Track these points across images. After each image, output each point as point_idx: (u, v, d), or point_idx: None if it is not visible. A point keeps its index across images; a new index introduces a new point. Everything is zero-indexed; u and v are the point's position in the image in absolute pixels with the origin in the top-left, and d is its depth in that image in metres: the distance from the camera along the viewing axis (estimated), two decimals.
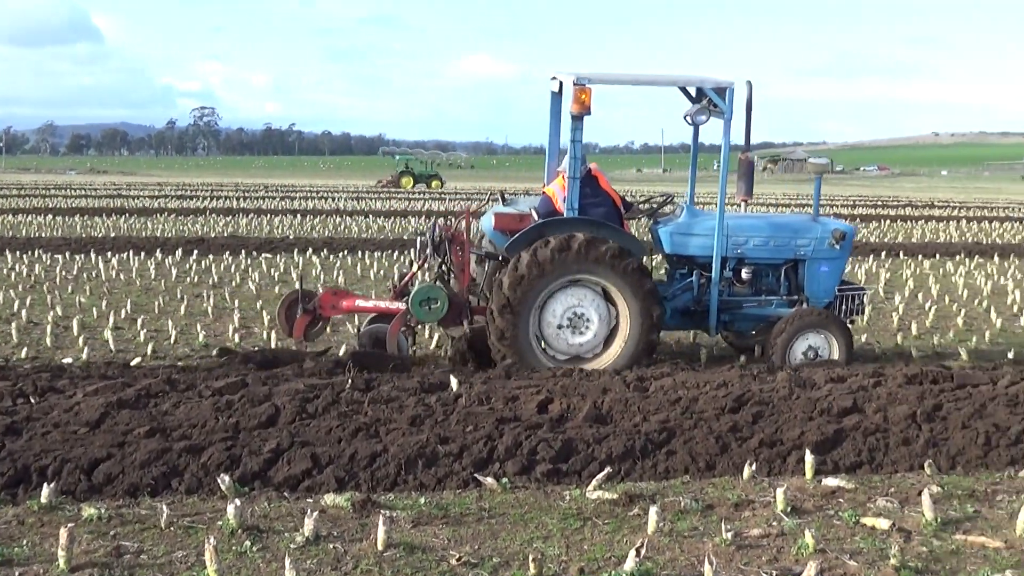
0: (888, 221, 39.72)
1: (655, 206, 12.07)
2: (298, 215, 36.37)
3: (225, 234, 27.86)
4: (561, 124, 11.68)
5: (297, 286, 11.28)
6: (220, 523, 5.95)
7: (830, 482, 6.91)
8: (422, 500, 6.50)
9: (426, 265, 11.57)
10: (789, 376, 9.11)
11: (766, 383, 9.01)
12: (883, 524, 6.07)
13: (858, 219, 40.69)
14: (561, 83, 11.36)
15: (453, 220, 11.54)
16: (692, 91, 11.31)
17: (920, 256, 24.71)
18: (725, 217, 11.17)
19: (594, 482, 6.74)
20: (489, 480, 6.80)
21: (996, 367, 10.34)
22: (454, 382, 8.88)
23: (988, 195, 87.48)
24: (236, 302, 15.14)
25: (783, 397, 8.46)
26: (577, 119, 10.39)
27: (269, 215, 36.23)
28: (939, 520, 6.18)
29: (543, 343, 10.54)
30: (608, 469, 6.95)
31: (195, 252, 22.04)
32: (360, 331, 11.54)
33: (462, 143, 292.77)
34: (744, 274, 11.35)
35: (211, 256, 21.83)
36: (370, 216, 37.02)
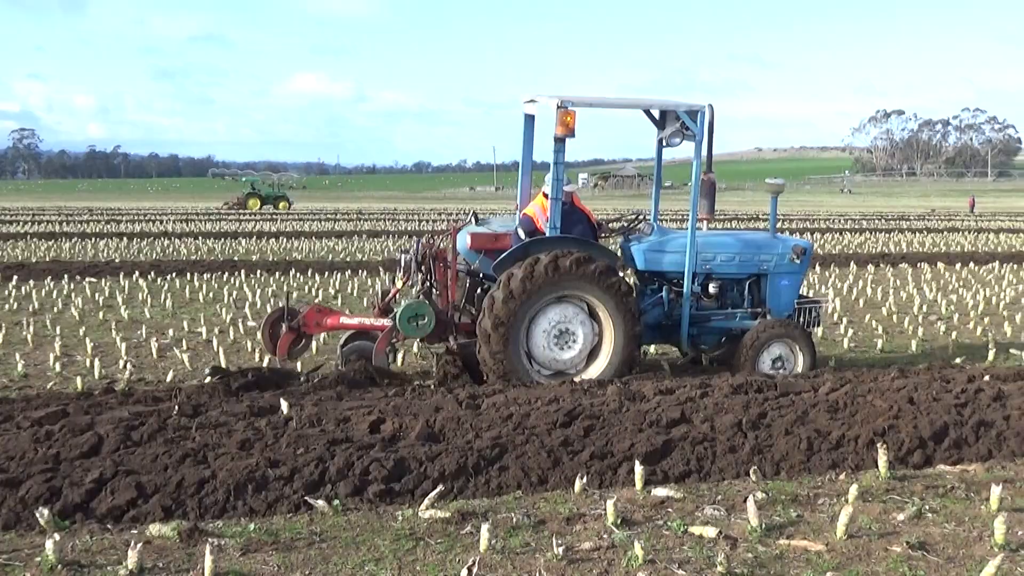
0: None
1: (627, 224, 12.49)
2: (124, 238, 35.37)
3: (47, 259, 26.88)
4: (534, 146, 11.98)
5: (282, 303, 11.28)
6: (39, 559, 5.70)
7: (659, 492, 7.02)
8: (252, 526, 6.35)
9: (409, 282, 11.67)
10: (619, 390, 9.24)
11: (597, 397, 9.12)
12: (710, 532, 6.19)
13: None
14: (535, 105, 11.60)
15: (436, 238, 11.68)
16: (656, 114, 11.71)
17: None
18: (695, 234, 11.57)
19: (426, 501, 6.70)
20: (320, 503, 6.69)
21: (818, 375, 10.71)
22: (284, 405, 8.73)
23: (810, 208, 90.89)
24: (58, 329, 14.59)
25: (613, 410, 8.57)
26: (560, 141, 10.69)
27: (94, 238, 35.14)
28: (764, 526, 6.34)
29: (530, 359, 10.75)
30: (441, 487, 6.92)
31: (15, 278, 21.15)
32: (341, 349, 11.50)
33: (294, 163, 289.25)
34: (711, 289, 11.82)
35: (32, 282, 20.98)
36: (200, 238, 36.26)
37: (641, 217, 12.52)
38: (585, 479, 7.17)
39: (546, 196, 11.44)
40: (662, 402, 8.83)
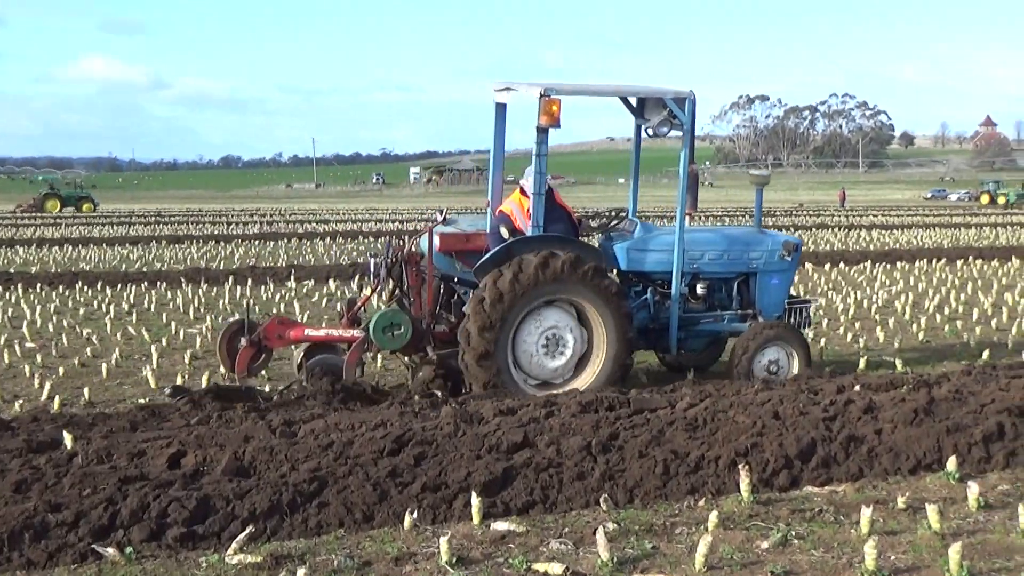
0: None
1: (607, 221, 12.95)
2: None
3: None
4: (506, 137, 12.40)
5: (241, 315, 11.59)
6: None
7: (499, 526, 7.09)
8: None
9: (378, 289, 11.92)
10: (455, 411, 9.28)
11: (429, 420, 9.15)
12: (556, 569, 6.27)
13: None
14: (508, 93, 11.88)
15: (407, 240, 11.88)
16: (633, 101, 12.36)
17: None
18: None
19: (235, 544, 6.62)
20: (110, 551, 6.55)
21: (675, 388, 10.95)
22: (68, 439, 8.52)
23: (668, 203, 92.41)
24: None
25: (448, 435, 8.60)
26: (543, 132, 11.06)
27: None
28: (615, 560, 6.45)
29: (517, 367, 11.13)
30: (251, 528, 6.84)
31: None
32: (301, 364, 11.65)
33: (80, 159, 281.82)
34: (699, 289, 12.39)
35: None
36: None
37: (623, 214, 12.92)
38: (416, 514, 7.19)
39: (523, 192, 11.95)
40: (503, 424, 8.91)
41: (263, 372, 12.11)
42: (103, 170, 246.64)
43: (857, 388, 10.57)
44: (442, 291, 11.82)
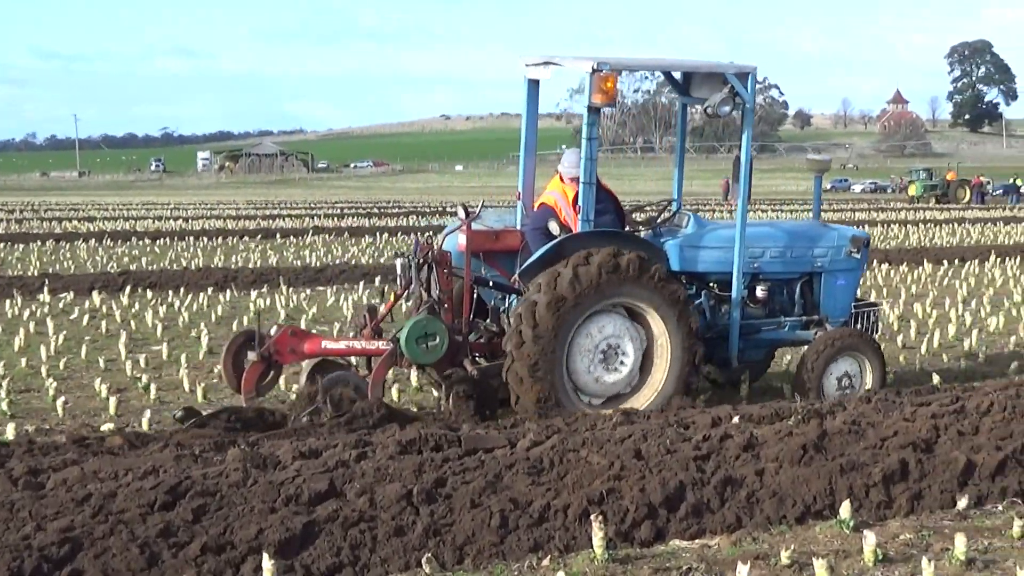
0: (386, 235, 41.26)
1: (656, 214, 13.44)
2: None
3: None
4: (537, 117, 13.40)
5: (252, 326, 12.30)
6: None
7: None
8: None
9: (405, 294, 12.56)
10: (243, 454, 9.21)
11: (212, 465, 9.07)
12: None
13: (346, 233, 42.04)
14: (546, 68, 12.65)
15: (435, 237, 12.28)
16: (678, 76, 13.30)
17: None
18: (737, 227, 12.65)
19: None
20: None
21: (515, 424, 11.02)
22: None
23: (513, 195, 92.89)
24: None
25: (235, 484, 8.53)
26: (595, 112, 11.81)
27: None
28: None
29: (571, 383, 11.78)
30: None
31: None
32: (308, 381, 12.03)
33: None
34: (759, 292, 13.07)
35: None
36: None
37: (677, 207, 13.36)
38: None
39: (563, 180, 12.66)
40: (304, 469, 8.86)
41: (272, 391, 12.61)
42: None
43: (735, 420, 10.77)
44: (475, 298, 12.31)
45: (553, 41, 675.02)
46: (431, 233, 12.84)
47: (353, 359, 12.53)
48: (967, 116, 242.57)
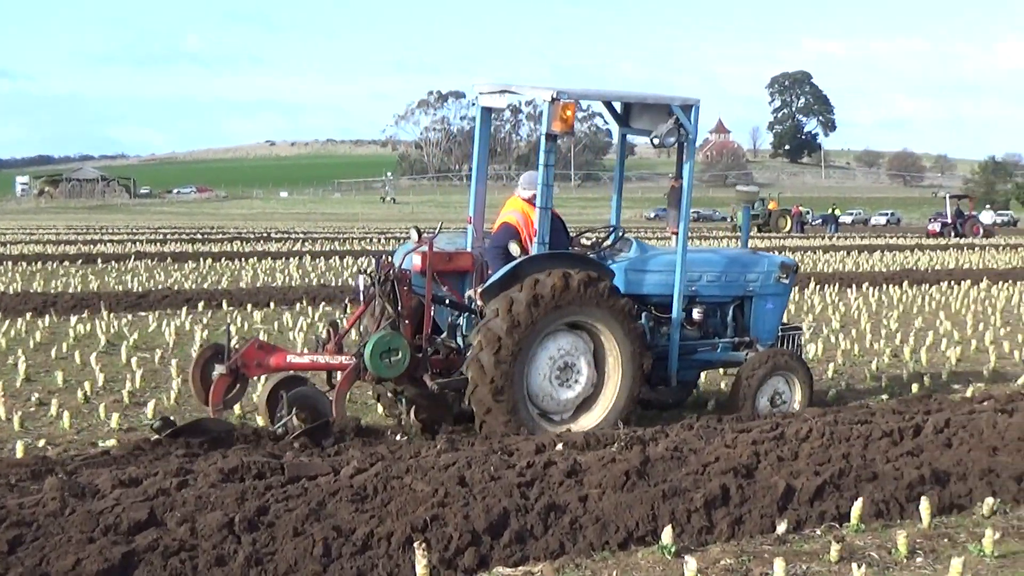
0: (210, 260, 40.83)
1: (601, 239, 13.93)
2: None
3: None
4: (488, 144, 13.93)
5: (224, 340, 12.24)
6: None
7: None
8: None
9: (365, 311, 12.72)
10: (60, 483, 9.04)
11: (28, 495, 8.90)
12: None
13: (169, 258, 41.54)
14: (500, 96, 13.11)
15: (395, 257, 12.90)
16: (618, 107, 13.96)
17: (249, 305, 25.57)
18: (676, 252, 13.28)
19: None
20: None
21: (340, 451, 10.99)
22: None
23: (341, 222, 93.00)
24: None
25: (52, 513, 8.37)
26: (552, 139, 12.19)
27: None
28: None
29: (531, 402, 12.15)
30: None
31: None
32: (270, 395, 12.32)
33: None
34: (695, 314, 13.61)
35: None
36: None
37: (619, 232, 13.79)
38: None
39: (524, 200, 13.10)
40: (123, 498, 8.72)
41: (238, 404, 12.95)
42: None
43: (559, 447, 10.85)
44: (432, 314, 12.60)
45: (377, 67, 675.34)
46: (391, 253, 13.07)
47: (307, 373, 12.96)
48: (787, 147, 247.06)
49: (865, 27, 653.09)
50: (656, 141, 13.08)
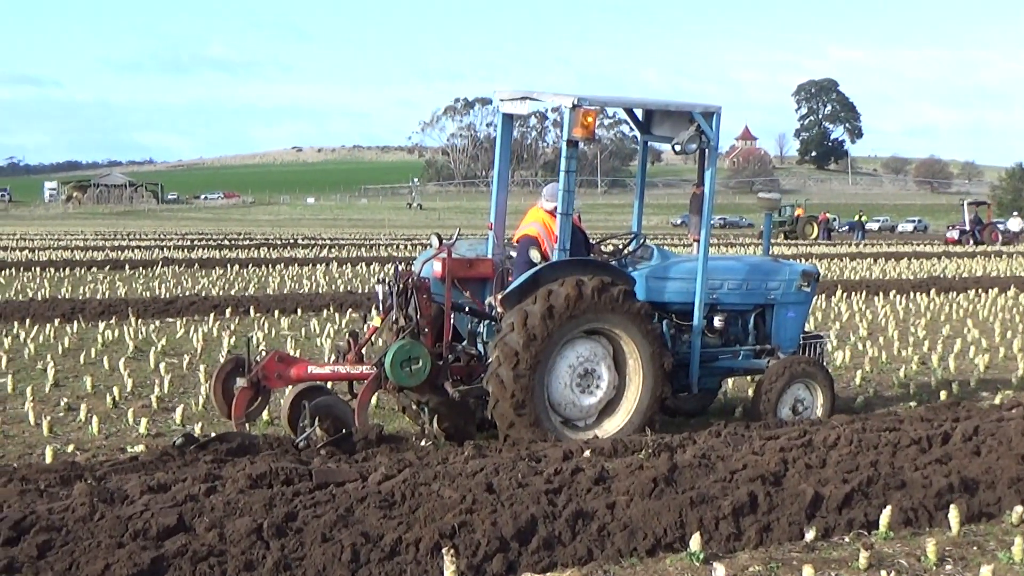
0: (237, 266, 40.90)
1: (622, 246, 14.08)
2: None
3: None
4: (510, 151, 13.96)
5: (243, 352, 12.46)
6: None
7: None
8: None
9: (387, 320, 12.77)
10: (90, 489, 9.06)
11: (57, 500, 8.92)
12: None
13: (196, 264, 41.61)
14: (522, 103, 13.28)
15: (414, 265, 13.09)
16: (640, 114, 14.03)
17: (276, 312, 25.63)
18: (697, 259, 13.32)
19: None
20: None
21: (367, 457, 11.00)
22: None
23: (368, 228, 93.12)
24: None
25: (82, 518, 8.38)
26: (574, 145, 12.29)
27: None
28: None
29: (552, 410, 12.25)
30: None
31: None
32: (292, 406, 12.37)
33: None
34: (716, 322, 13.67)
35: None
36: None
37: (639, 238, 13.90)
38: None
39: (546, 212, 13.20)
40: (152, 504, 8.74)
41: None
42: None
43: (587, 454, 10.84)
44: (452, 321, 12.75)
45: (403, 74, 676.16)
46: (410, 261, 13.17)
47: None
48: (813, 153, 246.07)
49: (890, 35, 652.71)
50: (677, 148, 13.13)
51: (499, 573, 8.18)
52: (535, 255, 12.73)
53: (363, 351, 12.80)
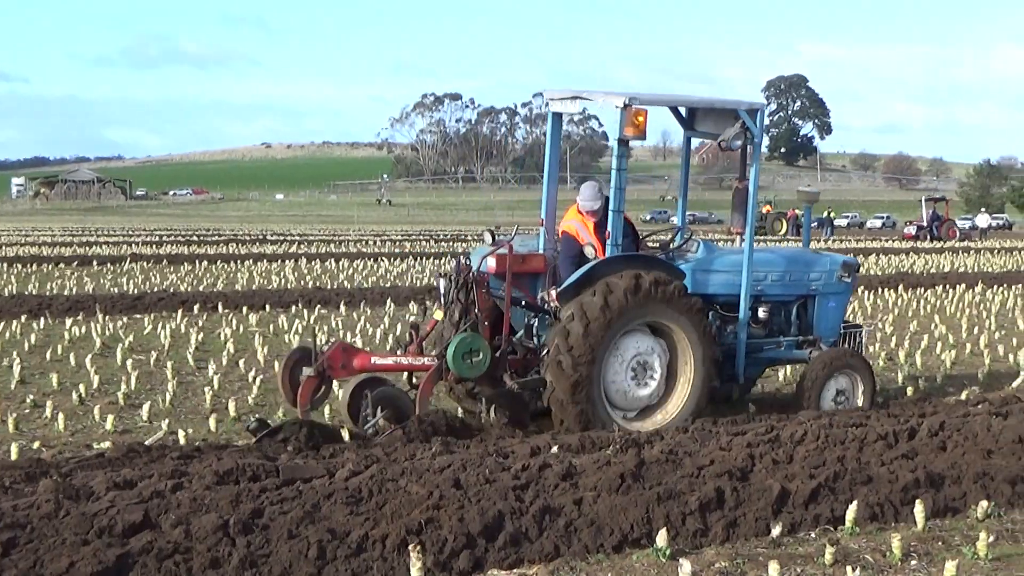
0: (205, 263, 40.77)
1: (668, 240, 14.47)
2: None
3: None
4: (560, 150, 14.33)
5: (306, 341, 13.03)
6: None
7: None
8: None
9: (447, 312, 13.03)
10: (55, 485, 9.03)
11: (22, 497, 8.89)
12: None
13: (164, 260, 41.47)
14: (572, 103, 13.63)
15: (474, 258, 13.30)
16: (683, 112, 14.39)
17: (244, 308, 25.52)
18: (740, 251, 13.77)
19: None
20: None
21: (334, 454, 10.98)
22: None
23: (337, 224, 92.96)
24: None
25: (46, 515, 8.35)
26: (625, 144, 12.66)
27: None
28: None
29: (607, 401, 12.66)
30: None
31: None
32: (352, 396, 12.78)
33: None
34: (761, 313, 14.12)
35: None
36: None
37: (685, 232, 14.32)
38: None
39: (580, 212, 13.58)
40: (118, 500, 8.72)
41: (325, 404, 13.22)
42: None
43: (555, 450, 10.85)
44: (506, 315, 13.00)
45: (373, 70, 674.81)
46: (468, 255, 13.60)
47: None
48: (783, 149, 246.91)
49: (862, 32, 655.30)
50: (723, 144, 13.52)
51: (466, 570, 8.16)
52: (589, 250, 13.11)
53: (423, 343, 13.04)
